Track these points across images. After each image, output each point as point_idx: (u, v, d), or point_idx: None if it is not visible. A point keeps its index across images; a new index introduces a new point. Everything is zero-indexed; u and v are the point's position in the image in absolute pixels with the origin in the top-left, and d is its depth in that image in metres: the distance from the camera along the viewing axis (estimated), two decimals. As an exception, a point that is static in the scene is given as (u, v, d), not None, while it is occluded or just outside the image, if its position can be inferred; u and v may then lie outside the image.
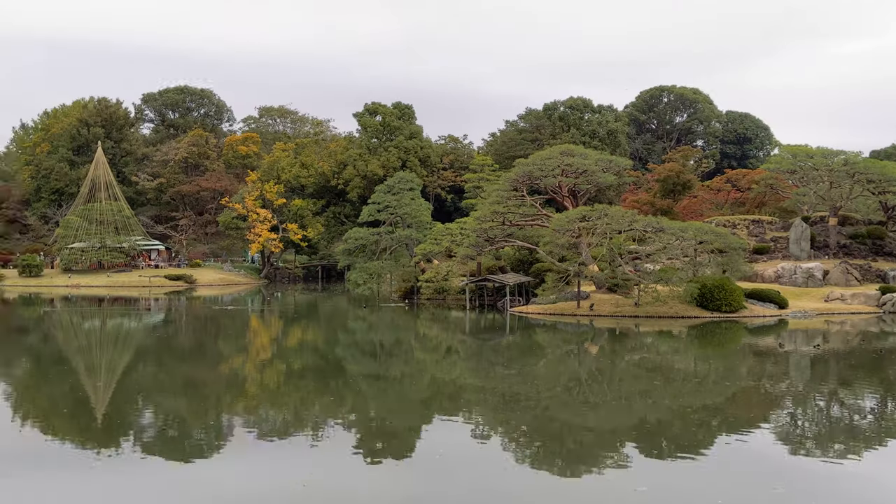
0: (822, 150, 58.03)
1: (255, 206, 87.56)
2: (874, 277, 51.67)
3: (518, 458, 14.91)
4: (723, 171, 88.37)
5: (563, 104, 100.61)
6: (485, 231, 51.19)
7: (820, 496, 12.21)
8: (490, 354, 30.73)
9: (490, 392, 22.04)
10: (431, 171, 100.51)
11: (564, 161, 51.70)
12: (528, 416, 18.45)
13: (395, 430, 17.19)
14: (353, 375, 25.63)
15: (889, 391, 22.12)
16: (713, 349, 33.30)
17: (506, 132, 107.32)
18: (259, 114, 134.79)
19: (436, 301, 55.86)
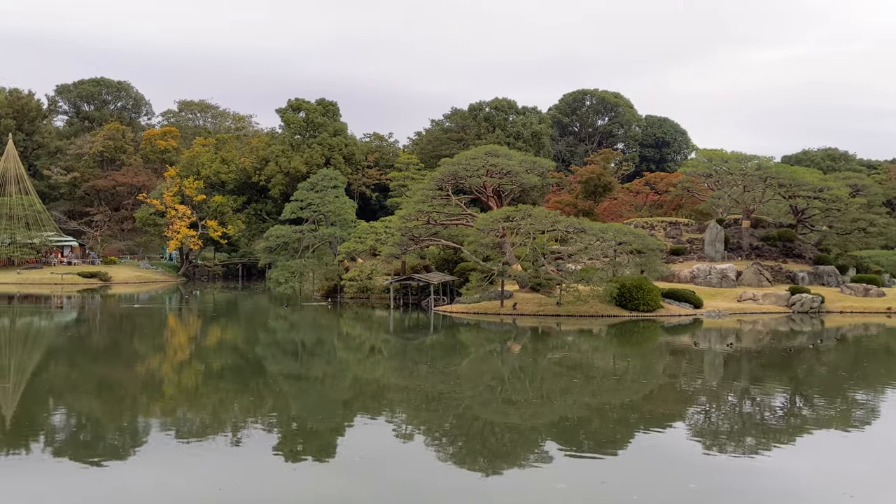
0: (737, 155, 59.92)
1: (173, 202, 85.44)
2: (784, 278, 53.66)
3: (441, 457, 14.90)
4: (642, 174, 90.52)
5: (489, 105, 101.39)
6: (410, 230, 51.14)
7: (732, 492, 12.54)
8: (414, 354, 30.68)
9: (413, 391, 21.99)
10: (356, 168, 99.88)
11: (489, 161, 52.07)
12: (451, 415, 18.46)
13: (316, 430, 16.96)
14: (274, 375, 25.22)
15: (798, 389, 22.95)
16: (631, 348, 34.01)
17: (431, 131, 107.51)
18: (179, 108, 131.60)
19: (359, 300, 55.52)
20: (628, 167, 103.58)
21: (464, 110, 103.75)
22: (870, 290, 50.63)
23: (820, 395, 21.77)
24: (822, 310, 47.50)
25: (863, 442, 15.99)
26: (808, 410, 19.67)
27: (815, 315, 46.29)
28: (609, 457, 14.68)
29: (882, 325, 42.02)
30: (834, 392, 21.93)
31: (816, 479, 13.24)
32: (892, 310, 47.59)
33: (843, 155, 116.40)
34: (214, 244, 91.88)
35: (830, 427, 17.27)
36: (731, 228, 60.29)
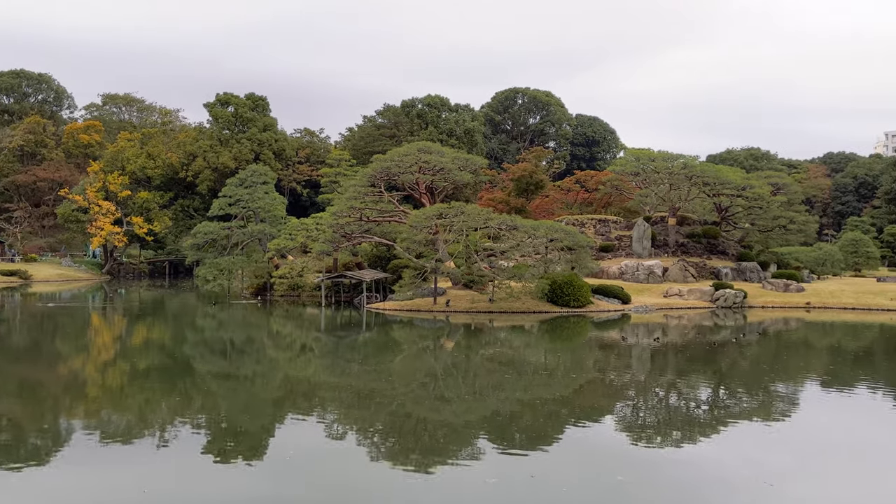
0: (663, 154, 61.27)
1: (97, 198, 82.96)
2: (709, 274, 55.13)
3: (373, 455, 14.82)
4: (573, 172, 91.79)
5: (422, 101, 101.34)
6: (341, 227, 50.76)
7: (659, 482, 12.81)
8: (346, 352, 30.46)
9: (345, 390, 21.83)
10: (286, 164, 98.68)
11: (422, 158, 52.03)
12: (384, 413, 18.38)
13: (246, 430, 16.68)
14: (202, 375, 24.72)
15: (722, 381, 23.59)
16: (562, 343, 34.45)
17: (364, 127, 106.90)
18: (103, 101, 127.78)
19: (290, 298, 54.87)
20: (559, 165, 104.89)
21: (396, 106, 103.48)
22: (790, 285, 52.37)
23: (743, 387, 22.42)
24: (744, 305, 48.94)
25: (783, 433, 16.51)
26: (732, 402, 20.22)
27: (738, 310, 47.65)
28: (540, 451, 14.83)
29: (801, 320, 43.51)
30: (756, 385, 22.61)
31: (739, 468, 13.61)
32: (810, 305, 49.33)
33: (765, 154, 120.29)
34: (140, 241, 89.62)
35: (753, 418, 17.79)
36: (657, 226, 61.62)
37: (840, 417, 18.39)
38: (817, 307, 48.87)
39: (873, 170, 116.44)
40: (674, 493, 12.25)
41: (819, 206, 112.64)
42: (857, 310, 47.98)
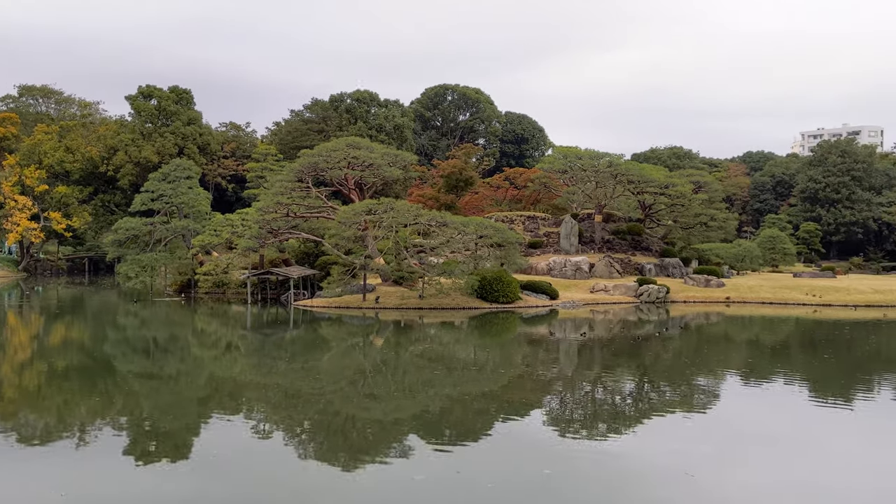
0: (590, 152, 62.22)
1: (12, 193, 79.82)
2: (633, 270, 56.27)
3: (300, 453, 14.64)
4: (502, 169, 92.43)
5: (350, 96, 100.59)
6: (268, 222, 50.03)
7: (584, 474, 13.00)
8: (272, 350, 30.04)
9: (272, 388, 21.51)
10: (211, 159, 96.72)
11: (351, 153, 51.63)
12: (312, 411, 18.19)
13: (170, 430, 16.28)
14: (124, 375, 24.04)
15: (645, 375, 24.10)
16: (492, 339, 34.68)
17: (291, 122, 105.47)
18: (19, 93, 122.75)
19: (215, 295, 53.85)
20: (489, 162, 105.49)
21: (325, 101, 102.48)
22: (710, 280, 53.86)
23: (665, 380, 22.95)
24: (667, 300, 50.13)
25: (703, 424, 16.96)
26: (655, 395, 20.68)
27: (661, 305, 48.78)
28: (468, 447, 14.89)
29: (721, 314, 44.79)
30: (678, 378, 23.17)
31: (662, 459, 13.91)
32: (730, 299, 50.82)
33: (687, 153, 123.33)
34: (58, 237, 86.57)
35: (675, 411, 18.21)
36: (584, 223, 62.61)
37: (758, 408, 18.98)
38: (736, 302, 50.39)
39: (790, 169, 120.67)
40: (598, 485, 12.45)
41: (739, 204, 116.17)
42: (775, 304, 49.65)
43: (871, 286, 54.39)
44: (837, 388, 21.68)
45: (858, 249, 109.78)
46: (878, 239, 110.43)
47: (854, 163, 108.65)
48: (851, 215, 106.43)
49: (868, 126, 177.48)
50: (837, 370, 24.94)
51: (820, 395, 20.80)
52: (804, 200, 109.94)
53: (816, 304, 48.70)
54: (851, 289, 52.65)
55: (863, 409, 18.72)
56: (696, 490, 12.16)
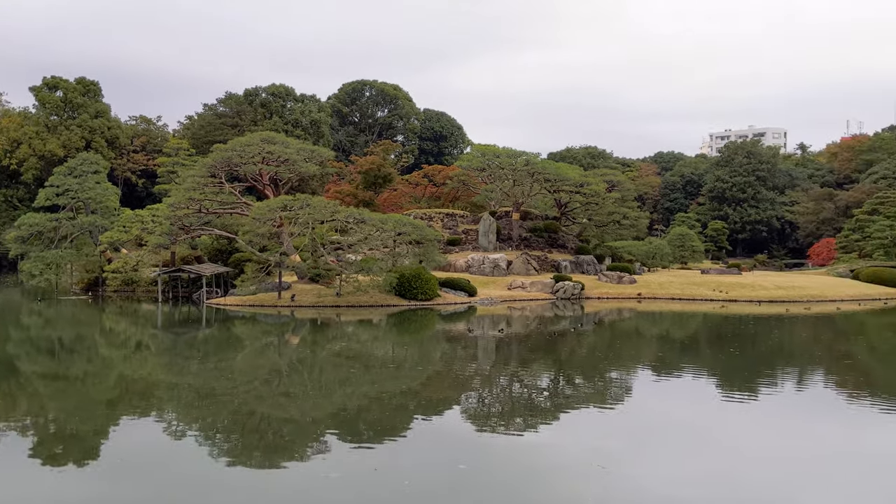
0: (507, 151, 62.87)
1: None
2: (550, 267, 57.11)
3: (214, 454, 14.27)
4: (421, 167, 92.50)
5: (266, 90, 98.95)
6: (179, 219, 48.78)
7: (499, 469, 13.07)
8: (184, 349, 29.26)
9: (184, 388, 20.92)
10: (120, 153, 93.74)
11: (265, 148, 50.80)
12: (226, 412, 17.77)
13: (77, 432, 15.64)
14: (27, 376, 23.01)
15: (561, 370, 24.45)
16: (410, 336, 34.63)
17: (204, 116, 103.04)
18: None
19: (124, 293, 52.21)
20: (408, 159, 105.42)
21: (239, 95, 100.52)
22: (623, 277, 55.11)
23: (580, 375, 23.33)
24: (582, 296, 51.05)
25: (616, 417, 17.29)
26: (570, 390, 20.99)
27: (576, 301, 49.65)
28: (386, 444, 14.80)
29: (633, 310, 45.88)
30: (592, 372, 23.59)
31: (576, 453, 14.11)
32: (642, 295, 52.09)
33: (601, 153, 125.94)
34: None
35: (589, 405, 18.52)
36: (502, 220, 63.20)
37: (668, 401, 19.48)
38: (648, 298, 51.70)
39: (699, 169, 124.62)
40: (512, 479, 12.53)
41: (650, 203, 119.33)
42: (684, 300, 51.14)
43: (774, 282, 56.60)
44: (743, 380, 22.45)
45: (763, 247, 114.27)
46: (781, 237, 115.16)
47: (759, 163, 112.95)
48: (756, 214, 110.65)
49: (772, 128, 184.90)
50: (743, 364, 25.83)
51: (727, 387, 21.49)
52: (712, 199, 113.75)
53: (723, 300, 50.37)
54: (756, 285, 54.68)
55: (767, 400, 19.42)
56: (608, 481, 12.37)
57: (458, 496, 11.65)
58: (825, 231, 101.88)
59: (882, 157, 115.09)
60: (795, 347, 30.68)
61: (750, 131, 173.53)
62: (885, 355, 29.06)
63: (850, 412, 18.03)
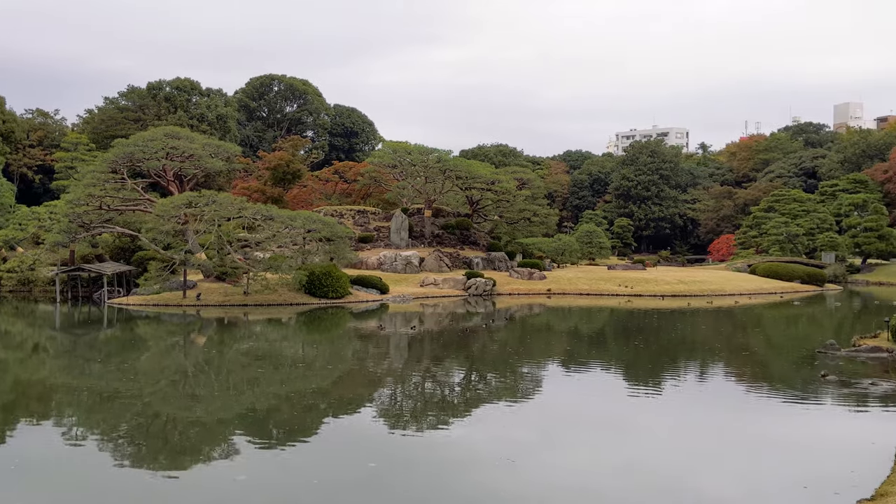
0: (419, 148, 62.91)
1: None
2: (462, 264, 57.44)
3: (117, 458, 13.75)
4: (331, 163, 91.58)
5: (170, 84, 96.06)
6: (79, 216, 46.91)
7: (410, 465, 13.03)
8: (85, 350, 28.15)
9: (85, 391, 20.09)
10: (16, 148, 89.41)
11: (169, 144, 49.40)
12: (129, 414, 17.14)
13: (-37, 442, 14.81)
14: None
15: (473, 366, 24.61)
16: (320, 334, 34.25)
17: (105, 110, 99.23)
18: None
19: (20, 293, 49.91)
20: (318, 155, 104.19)
21: (142, 89, 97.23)
22: (533, 273, 55.94)
23: (492, 370, 23.53)
24: (494, 292, 51.58)
25: (527, 411, 17.50)
26: (482, 385, 21.14)
27: (488, 297, 50.12)
28: (295, 444, 14.57)
29: (543, 305, 46.61)
30: (503, 367, 23.83)
31: (486, 446, 14.20)
32: (551, 291, 53.00)
33: (512, 151, 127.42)
34: None
35: (501, 399, 18.68)
36: (414, 217, 63.21)
37: (577, 394, 19.84)
38: (557, 293, 52.63)
39: (606, 167, 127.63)
40: (422, 474, 12.53)
41: (559, 200, 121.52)
42: (591, 295, 52.28)
43: (676, 277, 58.49)
44: (647, 373, 23.08)
45: (666, 243, 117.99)
46: (683, 233, 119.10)
47: (662, 162, 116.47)
48: (660, 211, 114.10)
49: (675, 128, 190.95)
50: (647, 356, 26.55)
51: (632, 380, 22.05)
52: (618, 197, 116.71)
53: (629, 295, 51.73)
54: (659, 280, 56.38)
55: (671, 392, 20.01)
56: (517, 474, 12.50)
57: (368, 494, 11.56)
58: (725, 228, 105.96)
59: (778, 157, 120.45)
60: (697, 340, 31.74)
61: (654, 131, 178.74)
62: (779, 347, 30.38)
63: (748, 401, 18.75)
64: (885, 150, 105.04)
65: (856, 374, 21.14)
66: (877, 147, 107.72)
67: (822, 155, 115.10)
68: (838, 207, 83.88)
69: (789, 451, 13.99)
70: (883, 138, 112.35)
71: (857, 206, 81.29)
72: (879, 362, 22.83)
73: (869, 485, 11.13)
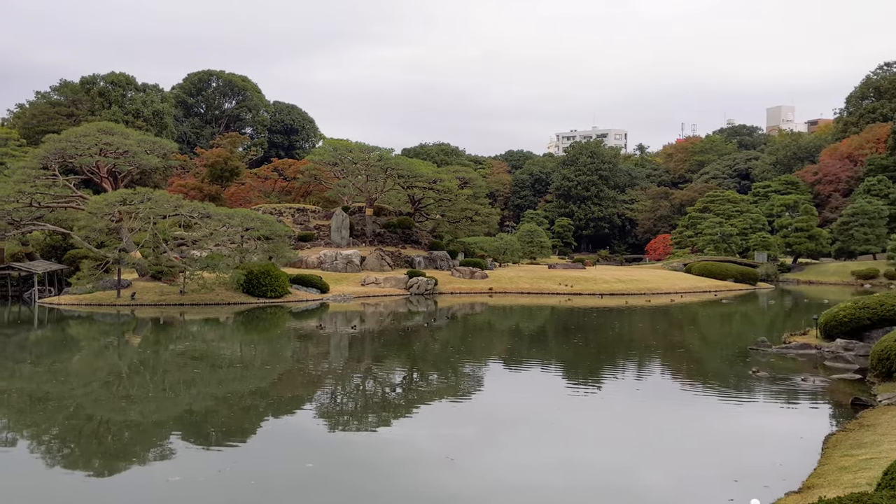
0: (360, 146, 62.61)
1: None
2: (403, 263, 57.36)
3: (48, 462, 13.35)
4: (271, 160, 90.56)
5: (104, 79, 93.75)
6: (8, 213, 45.42)
7: (350, 464, 12.95)
8: (14, 351, 27.25)
9: (14, 393, 19.44)
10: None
11: (103, 139, 48.20)
12: (61, 416, 16.66)
13: None
14: None
15: (415, 365, 24.58)
16: (259, 334, 33.81)
17: (37, 104, 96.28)
18: None
19: (-55, 293, 48.05)
20: (257, 152, 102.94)
21: (75, 83, 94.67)
22: (475, 272, 56.17)
23: (433, 369, 23.54)
24: (436, 291, 51.64)
25: (468, 409, 17.55)
26: (423, 384, 21.13)
27: (430, 296, 50.14)
28: (233, 446, 14.35)
29: (485, 304, 46.83)
30: (445, 366, 23.86)
31: (426, 445, 14.20)
32: (493, 290, 53.29)
33: (454, 150, 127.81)
34: None
35: (442, 398, 18.70)
36: (356, 216, 62.89)
37: (517, 392, 19.97)
38: (499, 292, 52.95)
39: (547, 167, 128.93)
40: (360, 475, 12.45)
41: (501, 200, 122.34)
42: (532, 294, 52.74)
43: (615, 276, 59.40)
44: (587, 370, 23.37)
45: (605, 242, 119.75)
46: (621, 233, 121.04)
47: (602, 163, 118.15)
48: (599, 211, 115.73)
49: (614, 129, 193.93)
50: (587, 354, 26.90)
51: (572, 377, 22.30)
52: (559, 197, 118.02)
53: (569, 294, 52.33)
54: (598, 279, 57.17)
55: (608, 389, 20.30)
56: (457, 472, 12.52)
57: (305, 494, 11.46)
58: (661, 227, 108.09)
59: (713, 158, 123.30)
60: (635, 338, 32.27)
61: (594, 132, 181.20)
62: (713, 344, 31.09)
63: (683, 397, 19.14)
64: (815, 152, 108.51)
65: (786, 370, 21.76)
66: (807, 149, 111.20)
67: (755, 157, 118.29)
68: (770, 208, 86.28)
69: (721, 446, 14.32)
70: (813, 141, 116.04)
71: (789, 207, 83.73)
72: (808, 359, 23.53)
73: (797, 478, 11.44)
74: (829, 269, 76.42)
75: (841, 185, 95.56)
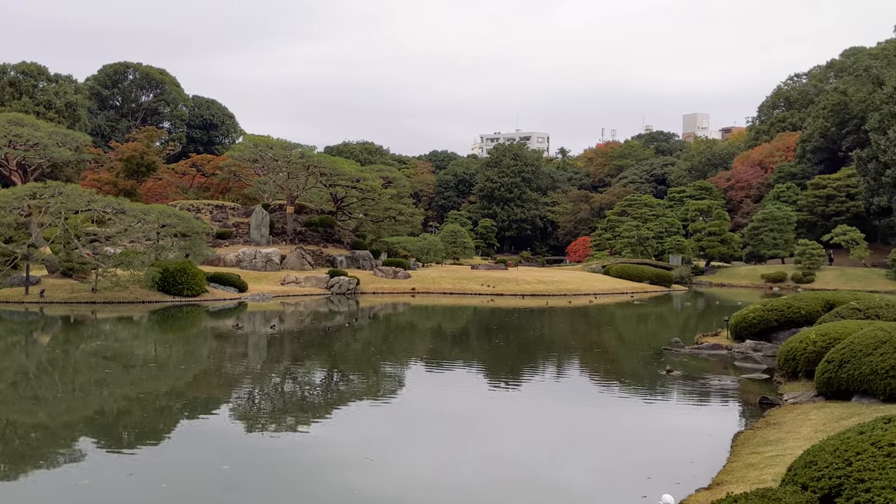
0: (282, 143, 61.76)
1: None
2: (325, 262, 56.85)
3: (-58, 469, 12.71)
4: (189, 155, 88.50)
5: (14, 68, 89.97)
6: None
7: (266, 467, 12.75)
8: None
9: None
10: None
11: (12, 131, 46.40)
12: (-42, 420, 15.90)
13: None
14: None
15: (335, 365, 24.39)
16: (174, 334, 33.02)
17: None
18: None
19: None
20: (174, 147, 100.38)
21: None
22: (398, 272, 56.10)
23: (354, 370, 23.40)
24: (358, 291, 51.35)
25: (388, 410, 17.51)
26: (343, 385, 20.98)
27: (351, 296, 49.83)
28: (146, 448, 13.96)
29: (408, 304, 46.83)
30: (366, 367, 23.75)
31: (345, 447, 14.09)
32: (416, 290, 53.33)
33: (378, 149, 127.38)
34: None
35: (362, 399, 18.60)
36: (276, 213, 62.02)
37: (439, 392, 20.02)
38: (422, 292, 53.01)
39: (470, 169, 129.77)
40: (277, 477, 12.28)
41: (425, 200, 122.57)
42: (455, 294, 52.99)
43: (536, 277, 60.20)
44: (507, 370, 23.61)
45: (527, 244, 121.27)
46: (543, 235, 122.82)
47: (524, 165, 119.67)
48: (522, 213, 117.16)
49: (537, 132, 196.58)
50: (508, 354, 27.18)
51: (493, 377, 22.49)
52: (482, 198, 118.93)
53: (491, 294, 52.79)
54: (520, 280, 57.85)
55: (528, 388, 20.55)
56: (375, 473, 12.48)
57: (219, 497, 11.23)
58: (582, 230, 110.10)
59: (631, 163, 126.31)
60: (555, 338, 32.77)
61: (517, 134, 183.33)
62: (629, 344, 31.83)
63: (600, 396, 19.53)
64: (729, 159, 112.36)
65: (698, 369, 22.42)
66: (721, 156, 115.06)
67: (671, 163, 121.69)
68: (685, 212, 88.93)
69: (636, 443, 14.66)
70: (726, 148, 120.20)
71: (702, 212, 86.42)
72: (719, 359, 24.31)
73: (707, 474, 11.80)
74: (741, 272, 79.22)
75: (752, 192, 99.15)
